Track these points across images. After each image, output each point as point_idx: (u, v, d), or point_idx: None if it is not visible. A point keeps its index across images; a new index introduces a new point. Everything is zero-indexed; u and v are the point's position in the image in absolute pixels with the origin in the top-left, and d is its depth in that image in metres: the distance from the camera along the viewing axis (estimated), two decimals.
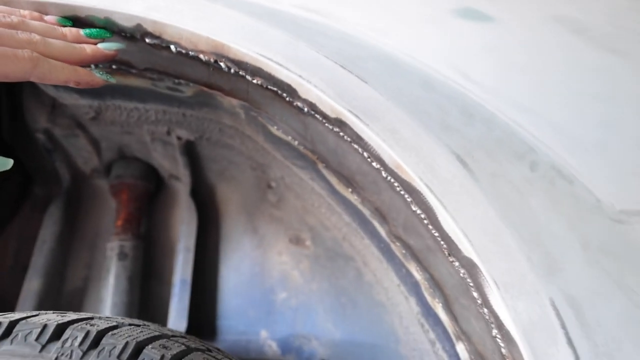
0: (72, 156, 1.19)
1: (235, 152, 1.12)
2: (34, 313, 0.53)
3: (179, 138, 1.09)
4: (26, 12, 0.59)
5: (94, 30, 0.61)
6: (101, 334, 0.50)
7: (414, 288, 0.76)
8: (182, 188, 1.30)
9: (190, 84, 0.81)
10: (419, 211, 0.56)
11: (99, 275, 1.22)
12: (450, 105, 0.64)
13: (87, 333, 0.49)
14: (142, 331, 0.56)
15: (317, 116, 0.66)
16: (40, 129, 1.08)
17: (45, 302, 1.11)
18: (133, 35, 0.69)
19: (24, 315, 0.52)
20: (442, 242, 0.54)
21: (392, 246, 0.76)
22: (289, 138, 0.81)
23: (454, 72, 0.70)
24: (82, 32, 0.59)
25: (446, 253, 0.55)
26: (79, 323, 0.51)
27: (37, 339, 0.48)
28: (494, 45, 0.78)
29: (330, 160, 0.74)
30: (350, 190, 0.79)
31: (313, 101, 0.64)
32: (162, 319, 1.18)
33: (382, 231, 0.78)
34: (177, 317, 1.09)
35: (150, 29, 0.67)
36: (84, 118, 1.04)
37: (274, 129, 0.85)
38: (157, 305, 1.19)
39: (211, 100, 0.91)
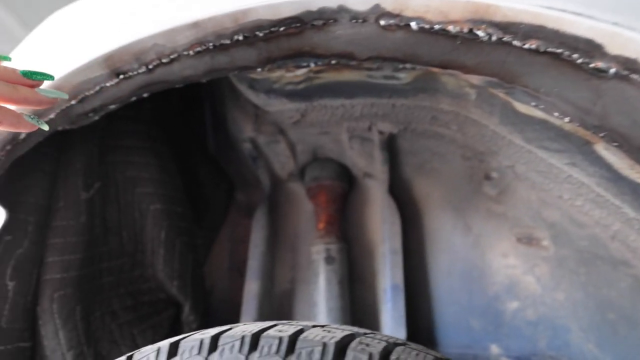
0: (272, 162, 1.21)
1: (445, 142, 0.98)
2: (227, 327, 0.52)
3: (380, 132, 1.00)
4: None
5: (33, 71, 0.51)
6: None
7: None
8: (376, 186, 1.23)
9: (416, 68, 0.70)
10: None
11: (304, 277, 1.22)
12: None
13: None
14: (379, 341, 0.48)
15: (634, 76, 0.47)
16: (246, 139, 1.11)
17: (264, 304, 1.15)
18: (365, 19, 0.60)
19: (222, 329, 0.51)
20: None
21: None
22: (551, 115, 0.64)
23: None
24: (18, 71, 0.49)
25: None
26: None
27: (239, 351, 0.47)
28: None
29: (633, 135, 0.55)
30: None
31: (632, 57, 0.46)
32: (372, 326, 1.12)
33: None
34: (394, 325, 1.01)
35: (389, 7, 0.58)
36: (287, 123, 1.03)
37: (522, 107, 0.69)
38: (365, 311, 1.14)
39: (432, 83, 0.79)
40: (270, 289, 1.20)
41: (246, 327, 0.51)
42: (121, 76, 0.69)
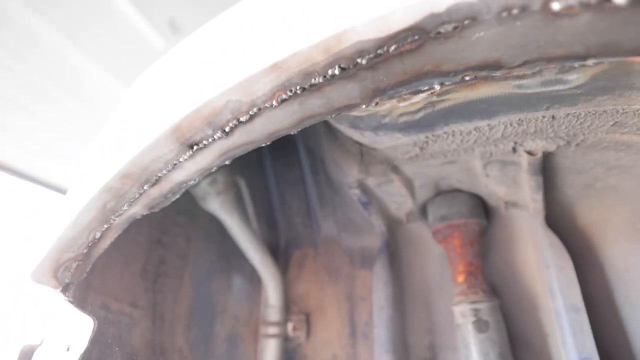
0: (385, 204, 1.01)
1: (632, 152, 0.69)
2: None
3: (529, 153, 0.74)
4: None
5: None
6: None
7: None
8: (525, 217, 0.95)
9: (599, 62, 0.45)
10: None
11: (447, 342, 0.98)
12: None
13: None
14: None
15: None
16: (353, 184, 0.93)
17: None
18: (525, 8, 0.38)
19: None
20: None
21: None
22: None
23: None
24: None
25: None
26: None
27: None
28: None
29: None
30: None
31: None
32: None
33: None
34: None
35: None
36: (401, 158, 0.82)
37: None
38: None
39: (622, 79, 0.53)
40: (406, 358, 0.98)
41: None
42: (195, 147, 0.56)
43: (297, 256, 1.29)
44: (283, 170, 1.29)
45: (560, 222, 0.91)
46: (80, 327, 0.76)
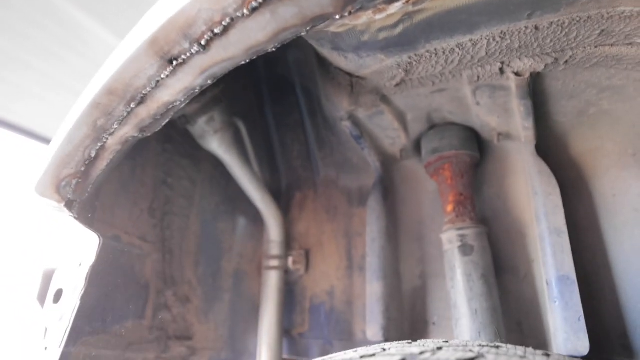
0: (379, 138, 1.02)
1: (623, 67, 0.67)
2: None
3: (517, 74, 0.74)
4: None
5: None
6: None
7: None
8: (518, 148, 0.95)
9: None
10: None
11: (437, 270, 1.01)
12: None
13: None
14: None
15: None
16: (344, 116, 0.94)
17: (391, 306, 0.97)
18: None
19: None
20: None
21: None
22: None
23: None
24: None
25: None
26: None
27: None
28: None
29: None
30: None
31: None
32: (536, 330, 0.86)
33: None
34: (569, 330, 0.74)
35: None
36: (389, 86, 0.83)
37: None
38: (522, 310, 0.88)
39: None
40: (397, 287, 1.02)
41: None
42: (174, 62, 0.58)
43: (298, 198, 1.32)
44: (283, 114, 1.31)
45: (553, 152, 0.91)
46: (88, 244, 0.82)
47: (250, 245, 1.30)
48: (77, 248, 0.86)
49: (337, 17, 0.56)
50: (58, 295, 0.83)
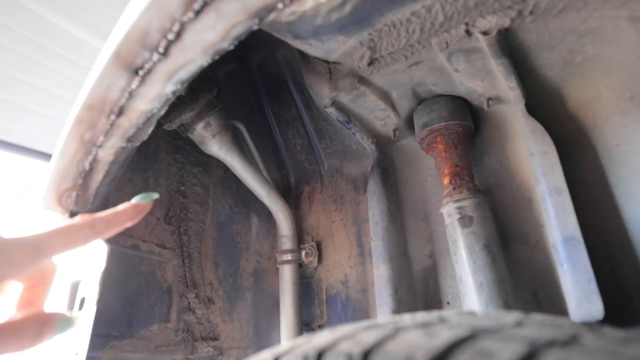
0: (369, 121, 1.01)
1: (592, 6, 0.63)
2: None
3: (484, 33, 0.71)
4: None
5: (142, 197, 0.61)
6: None
7: None
8: (510, 111, 0.91)
9: None
10: None
11: (445, 248, 0.99)
12: None
13: None
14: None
15: None
16: (327, 103, 0.94)
17: (400, 288, 0.96)
18: None
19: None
20: None
21: None
22: None
23: None
24: (133, 202, 0.60)
25: None
26: None
27: None
28: None
29: None
30: None
31: None
32: (553, 299, 0.82)
33: None
34: (581, 295, 0.70)
35: None
36: (362, 67, 0.82)
37: None
38: (537, 278, 0.84)
39: None
40: (405, 269, 1.00)
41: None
42: (140, 72, 0.61)
43: (307, 191, 1.34)
44: (281, 111, 1.33)
45: (549, 109, 0.86)
46: (99, 252, 0.88)
47: (267, 242, 1.33)
48: (94, 258, 0.92)
49: (280, 5, 0.57)
50: (82, 303, 0.89)
